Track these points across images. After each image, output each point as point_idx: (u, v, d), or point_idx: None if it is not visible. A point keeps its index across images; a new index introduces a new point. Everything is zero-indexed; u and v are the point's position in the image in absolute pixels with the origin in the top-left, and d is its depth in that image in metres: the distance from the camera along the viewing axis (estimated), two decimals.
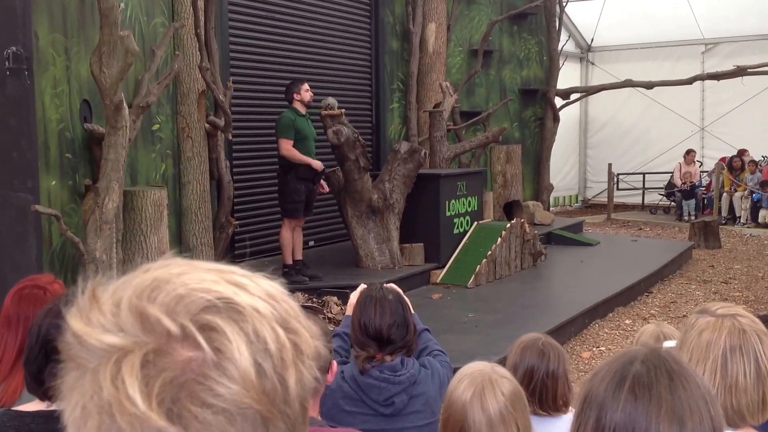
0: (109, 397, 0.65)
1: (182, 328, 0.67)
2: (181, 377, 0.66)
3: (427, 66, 12.01)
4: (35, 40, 6.45)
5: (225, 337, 0.67)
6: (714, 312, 1.92)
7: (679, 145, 17.36)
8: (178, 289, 0.69)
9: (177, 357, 0.66)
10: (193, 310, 0.68)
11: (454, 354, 3.41)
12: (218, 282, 0.70)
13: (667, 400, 1.22)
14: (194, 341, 0.67)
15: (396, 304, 2.99)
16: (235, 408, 0.66)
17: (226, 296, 0.69)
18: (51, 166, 6.69)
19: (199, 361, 0.66)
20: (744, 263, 11.37)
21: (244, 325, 0.68)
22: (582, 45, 18.72)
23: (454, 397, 2.12)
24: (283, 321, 0.71)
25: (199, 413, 0.65)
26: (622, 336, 7.69)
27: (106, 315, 0.69)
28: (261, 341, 0.68)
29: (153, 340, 0.67)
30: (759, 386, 1.83)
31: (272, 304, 0.71)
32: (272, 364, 0.68)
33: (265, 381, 0.68)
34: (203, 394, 0.65)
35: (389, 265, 8.94)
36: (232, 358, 0.67)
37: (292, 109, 8.13)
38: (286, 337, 0.70)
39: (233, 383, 0.66)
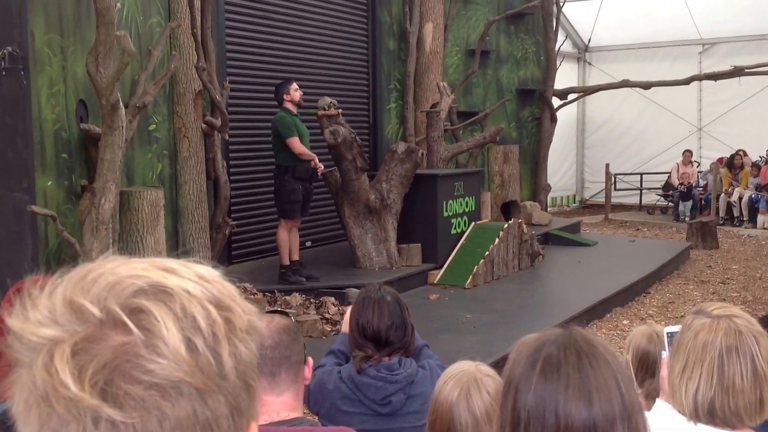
0: (44, 386, 0.68)
1: (111, 314, 0.69)
2: (114, 360, 0.68)
3: (425, 66, 11.99)
4: (31, 40, 6.42)
5: (153, 317, 0.69)
6: (710, 313, 1.91)
7: (676, 146, 17.37)
8: (108, 279, 0.71)
9: (110, 342, 0.68)
10: (123, 296, 0.70)
11: (451, 354, 3.41)
12: (148, 269, 0.73)
13: (574, 378, 1.24)
14: (124, 325, 0.69)
15: (394, 306, 2.97)
16: (167, 382, 0.68)
17: (155, 281, 0.72)
18: (47, 167, 6.67)
19: (131, 343, 0.68)
20: (742, 264, 11.37)
21: (172, 305, 0.70)
22: (579, 45, 18.73)
23: (441, 398, 2.12)
24: (214, 300, 0.73)
25: (131, 390, 0.67)
26: (620, 336, 7.67)
27: (42, 310, 0.71)
28: (190, 318, 0.71)
29: (85, 328, 0.69)
30: (756, 387, 1.83)
31: (203, 284, 0.74)
32: (203, 340, 0.70)
33: (197, 356, 0.70)
34: (135, 372, 0.67)
35: (386, 266, 8.92)
36: (160, 335, 0.69)
37: (284, 108, 8.11)
38: (218, 314, 0.72)
39: (163, 359, 0.68)
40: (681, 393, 1.88)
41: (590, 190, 19.11)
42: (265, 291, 7.60)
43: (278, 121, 8.05)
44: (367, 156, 9.65)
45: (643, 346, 2.87)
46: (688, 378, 1.87)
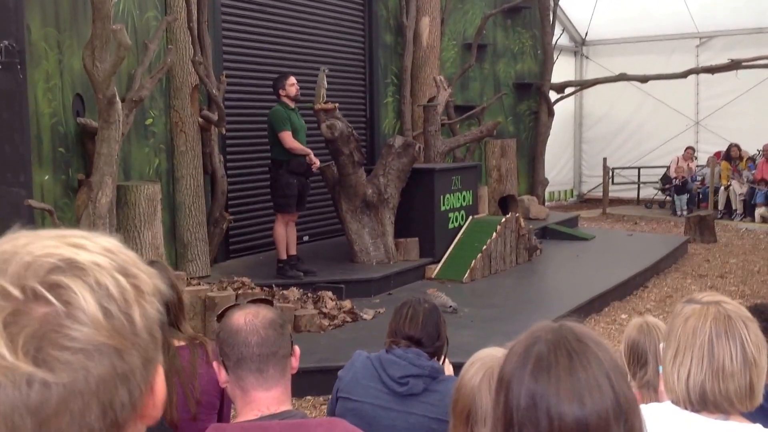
0: None
1: (33, 291, 0.78)
2: (40, 330, 0.77)
3: (421, 60, 11.98)
4: (28, 34, 6.41)
5: (71, 290, 0.79)
6: (700, 300, 1.94)
7: (674, 139, 17.37)
8: (25, 258, 0.80)
9: (34, 314, 0.77)
10: (41, 274, 0.79)
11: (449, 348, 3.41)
12: (59, 246, 0.82)
13: (565, 380, 1.24)
14: (45, 299, 0.78)
15: (429, 315, 3.09)
16: (90, 346, 0.79)
17: (67, 257, 0.81)
18: (44, 161, 6.66)
19: (53, 314, 0.78)
20: (740, 257, 11.37)
21: (86, 278, 0.80)
22: (576, 39, 18.70)
23: (464, 381, 2.14)
24: (121, 269, 0.84)
25: (60, 355, 0.77)
26: (618, 330, 7.68)
27: None
28: (103, 289, 0.81)
29: (10, 305, 0.78)
30: (746, 372, 1.84)
31: (110, 256, 0.84)
32: (117, 306, 0.81)
33: (112, 320, 0.80)
34: (61, 339, 0.77)
35: (384, 260, 8.92)
36: (80, 306, 0.79)
37: (281, 102, 8.09)
38: (126, 282, 0.83)
39: (84, 326, 0.79)
40: (673, 379, 1.90)
41: (588, 184, 19.11)
42: (263, 285, 7.60)
43: (272, 115, 8.03)
44: (364, 150, 9.63)
45: (634, 336, 2.91)
46: (679, 364, 1.88)
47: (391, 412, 2.97)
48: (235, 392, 2.14)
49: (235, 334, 2.09)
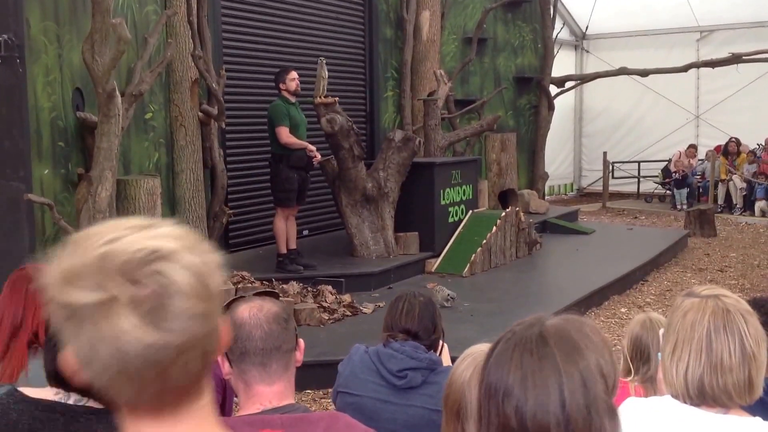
0: (115, 330, 0.98)
1: (139, 279, 0.99)
2: (152, 305, 0.99)
3: (422, 54, 11.96)
4: (27, 28, 6.40)
5: (165, 275, 1.00)
6: (699, 294, 1.93)
7: (674, 133, 17.36)
8: (122, 254, 0.99)
9: (144, 294, 0.98)
10: (139, 263, 0.99)
11: (448, 343, 3.42)
12: (144, 241, 1.01)
13: (515, 375, 1.25)
14: (148, 284, 0.99)
15: (425, 308, 3.12)
16: (188, 314, 1.01)
17: (154, 247, 1.01)
18: (43, 155, 6.65)
19: (158, 294, 0.99)
20: (740, 251, 11.37)
21: (173, 263, 1.01)
22: (577, 33, 18.67)
23: (455, 376, 2.15)
24: (194, 251, 1.04)
25: (171, 323, 1.00)
26: (617, 324, 7.68)
27: (81, 281, 0.99)
28: (187, 269, 1.02)
29: (124, 290, 0.98)
30: (744, 366, 1.83)
31: (183, 239, 1.05)
32: (198, 280, 1.02)
33: (198, 292, 1.02)
34: (169, 310, 0.99)
35: (384, 254, 8.91)
36: (174, 285, 1.00)
37: (282, 97, 8.08)
38: (200, 261, 1.04)
39: (181, 300, 1.00)
40: (672, 373, 1.89)
41: (588, 179, 19.10)
42: (263, 280, 7.59)
43: (272, 109, 8.03)
44: (364, 144, 9.63)
45: (636, 332, 2.94)
46: (678, 358, 1.88)
47: (391, 405, 2.98)
48: (238, 385, 2.14)
49: (239, 327, 2.08)
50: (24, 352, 2.62)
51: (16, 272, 2.80)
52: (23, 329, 2.65)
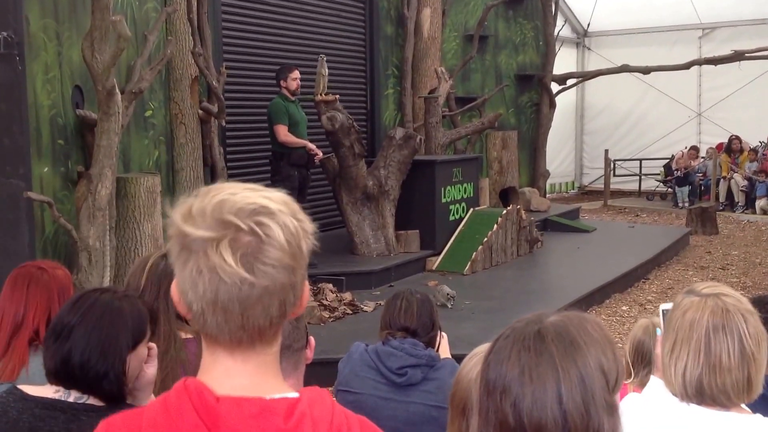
0: (215, 263, 1.17)
1: (245, 225, 1.17)
2: (249, 250, 1.17)
3: (422, 51, 11.94)
4: (26, 25, 6.37)
5: (268, 226, 1.19)
6: (699, 292, 1.92)
7: (676, 131, 17.33)
8: (238, 203, 1.19)
9: (245, 239, 1.18)
10: (248, 214, 1.19)
11: (449, 340, 3.41)
12: (257, 197, 1.21)
13: (512, 371, 1.27)
14: (252, 231, 1.18)
15: (422, 306, 3.15)
16: (279, 263, 1.19)
17: (263, 204, 1.20)
18: (43, 153, 6.63)
19: (257, 241, 1.18)
20: (741, 249, 11.35)
21: (276, 219, 1.20)
22: (578, 30, 18.64)
23: (463, 374, 2.15)
24: (294, 214, 1.23)
25: (261, 268, 1.18)
26: (619, 322, 7.67)
27: (199, 219, 1.18)
28: (286, 227, 1.20)
29: (231, 232, 1.17)
30: (743, 366, 1.83)
31: (288, 205, 1.24)
32: (294, 239, 1.21)
33: (292, 248, 1.21)
34: (262, 257, 1.18)
35: (384, 252, 8.90)
36: (273, 237, 1.19)
37: (281, 95, 8.06)
38: (298, 224, 1.23)
39: (276, 250, 1.19)
40: (671, 372, 1.89)
41: (589, 176, 19.07)
42: None
43: (271, 107, 8.03)
44: (364, 142, 9.61)
45: (639, 336, 3.01)
46: (677, 357, 1.87)
47: (391, 402, 3.01)
48: None
49: None
50: (25, 350, 2.63)
51: (16, 270, 2.79)
52: (24, 327, 2.67)
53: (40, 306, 2.69)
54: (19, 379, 2.52)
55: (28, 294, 2.70)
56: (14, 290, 2.72)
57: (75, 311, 2.03)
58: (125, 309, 2.05)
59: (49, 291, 2.73)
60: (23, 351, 2.62)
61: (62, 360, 1.98)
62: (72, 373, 1.98)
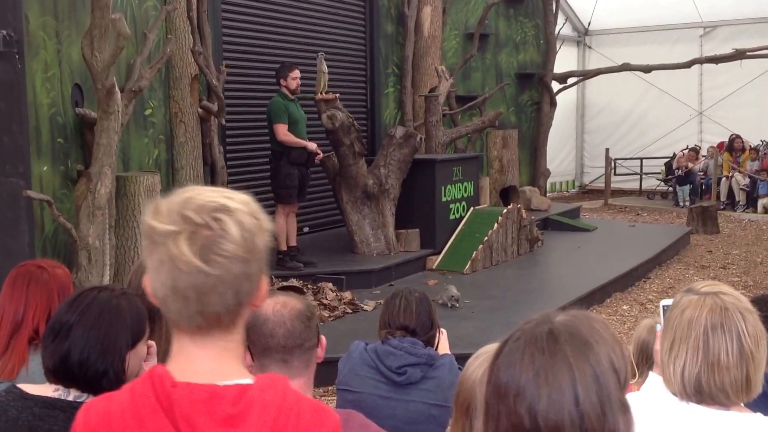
0: (173, 254, 1.29)
1: (204, 221, 1.30)
2: (206, 243, 1.30)
3: (423, 50, 11.92)
4: (26, 24, 6.36)
5: (225, 223, 1.31)
6: (698, 290, 1.91)
7: (677, 130, 17.31)
8: (199, 201, 1.32)
9: (204, 234, 1.30)
10: (209, 211, 1.31)
11: (449, 340, 3.41)
12: (219, 197, 1.34)
13: (527, 375, 1.25)
14: (209, 226, 1.30)
15: (421, 305, 3.16)
16: (233, 256, 1.31)
17: (223, 203, 1.33)
18: (43, 151, 6.62)
19: (214, 235, 1.30)
20: (742, 248, 11.33)
21: (233, 216, 1.32)
22: (579, 28, 18.62)
23: (467, 374, 2.15)
24: (253, 214, 1.35)
25: (216, 259, 1.30)
26: (619, 321, 7.66)
27: (164, 214, 1.32)
28: (242, 224, 1.32)
29: (190, 227, 1.30)
30: (742, 364, 1.82)
31: (247, 205, 1.36)
32: (250, 234, 1.33)
33: (246, 243, 1.32)
34: (217, 250, 1.30)
35: (385, 251, 8.88)
36: (229, 232, 1.31)
37: (281, 93, 8.04)
38: (255, 222, 1.35)
39: (231, 244, 1.31)
40: (670, 371, 1.88)
41: (590, 175, 19.04)
42: None
43: (271, 105, 8.00)
44: (364, 141, 9.60)
45: (644, 337, 3.02)
46: (675, 355, 1.87)
47: (391, 401, 3.03)
48: None
49: (262, 323, 2.10)
50: (24, 349, 2.64)
51: (16, 269, 2.79)
52: (24, 326, 2.68)
53: (39, 305, 2.70)
54: (19, 378, 2.52)
55: (28, 293, 2.70)
56: (14, 289, 2.72)
57: (74, 310, 2.03)
58: (124, 307, 2.05)
59: (48, 290, 2.73)
60: (23, 350, 2.63)
61: (61, 358, 1.99)
62: (71, 372, 1.98)
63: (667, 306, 2.01)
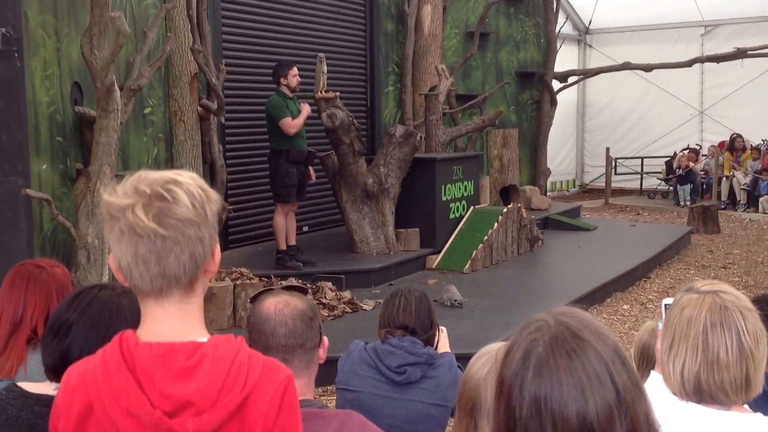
0: (131, 222, 1.45)
1: (157, 192, 1.47)
2: (159, 210, 1.46)
3: (423, 48, 11.90)
4: (25, 22, 6.35)
5: (176, 193, 1.48)
6: (698, 289, 1.91)
7: (678, 129, 17.29)
8: (152, 177, 1.50)
9: (157, 203, 1.46)
10: (160, 184, 1.48)
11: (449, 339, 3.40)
12: (169, 174, 1.52)
13: (567, 383, 1.25)
14: (162, 196, 1.47)
15: (420, 304, 3.17)
16: (185, 219, 1.48)
17: (172, 177, 1.51)
18: (42, 150, 6.60)
19: (167, 204, 1.47)
20: (743, 248, 11.31)
21: (183, 188, 1.49)
22: (580, 27, 18.60)
23: (471, 373, 2.13)
24: (200, 186, 1.53)
25: (170, 222, 1.46)
26: (620, 321, 7.64)
27: (120, 191, 1.48)
28: (191, 194, 1.50)
29: (144, 198, 1.47)
30: (742, 363, 1.82)
31: (194, 179, 1.53)
32: (198, 202, 1.50)
33: (196, 209, 1.49)
34: (170, 214, 1.46)
35: (384, 251, 8.87)
36: (180, 200, 1.48)
37: (280, 92, 8.01)
38: (203, 191, 1.52)
39: (182, 209, 1.47)
40: (669, 369, 1.88)
41: (590, 175, 19.02)
42: (262, 276, 7.55)
43: (270, 104, 7.96)
44: (364, 140, 9.58)
45: (645, 339, 3.01)
46: (675, 354, 1.87)
47: (390, 400, 3.03)
48: None
49: (264, 322, 2.11)
50: (23, 348, 2.64)
51: (15, 268, 2.79)
52: (22, 325, 2.68)
53: (38, 304, 2.70)
54: (17, 378, 2.52)
55: (27, 292, 2.70)
56: (13, 288, 2.72)
57: (74, 308, 2.03)
58: (124, 305, 2.05)
59: (47, 289, 2.73)
60: (21, 349, 2.63)
61: (61, 356, 1.99)
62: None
63: (669, 305, 2.01)
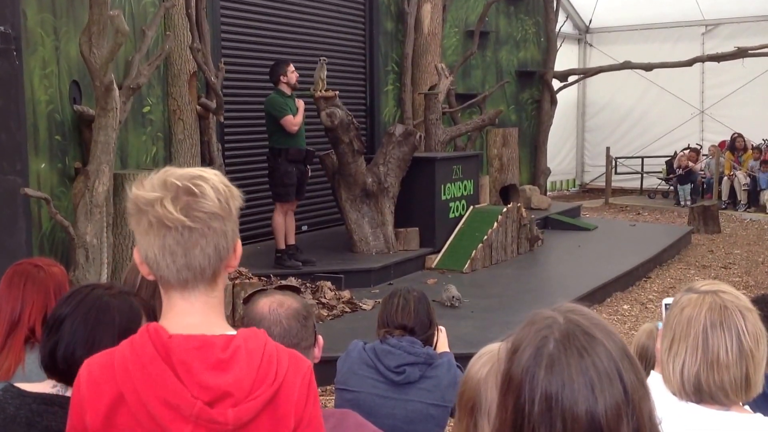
0: (160, 214, 1.51)
1: (185, 186, 1.53)
2: (188, 203, 1.52)
3: (423, 47, 11.89)
4: (24, 20, 6.34)
5: (202, 187, 1.54)
6: (698, 289, 1.91)
7: (678, 128, 17.27)
8: (178, 172, 1.56)
9: (184, 197, 1.52)
10: (188, 179, 1.54)
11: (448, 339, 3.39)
12: (194, 170, 1.58)
13: (578, 380, 1.24)
14: (190, 190, 1.53)
15: (419, 304, 3.18)
16: (211, 213, 1.53)
17: (199, 173, 1.57)
18: (40, 149, 6.59)
19: (194, 198, 1.52)
20: (744, 248, 11.30)
21: (209, 183, 1.55)
22: (580, 26, 18.59)
23: (471, 373, 2.13)
24: (224, 182, 1.59)
25: (197, 215, 1.52)
26: (620, 321, 7.62)
27: (148, 185, 1.54)
28: (216, 188, 1.56)
29: (172, 191, 1.52)
30: (741, 363, 1.82)
31: (218, 176, 1.59)
32: (224, 197, 1.56)
33: (221, 204, 1.55)
34: (198, 207, 1.52)
35: (384, 250, 8.85)
36: (207, 194, 1.54)
37: (278, 90, 7.99)
38: (227, 188, 1.58)
39: (208, 203, 1.53)
40: (669, 369, 1.88)
41: (590, 174, 19.01)
42: (261, 275, 7.53)
43: (270, 102, 7.94)
44: (364, 139, 9.56)
45: (643, 341, 3.01)
46: (675, 354, 1.87)
47: (389, 400, 3.03)
48: None
49: (258, 322, 2.10)
50: (21, 348, 2.64)
51: (12, 267, 2.79)
52: (20, 325, 2.68)
53: (36, 304, 2.70)
54: (15, 377, 2.53)
55: (25, 292, 2.71)
56: (11, 288, 2.73)
57: (67, 304, 2.05)
58: (113, 304, 2.05)
59: (45, 289, 2.74)
60: (19, 349, 2.64)
61: (49, 352, 2.01)
62: (58, 366, 2.00)
63: (669, 304, 2.00)
